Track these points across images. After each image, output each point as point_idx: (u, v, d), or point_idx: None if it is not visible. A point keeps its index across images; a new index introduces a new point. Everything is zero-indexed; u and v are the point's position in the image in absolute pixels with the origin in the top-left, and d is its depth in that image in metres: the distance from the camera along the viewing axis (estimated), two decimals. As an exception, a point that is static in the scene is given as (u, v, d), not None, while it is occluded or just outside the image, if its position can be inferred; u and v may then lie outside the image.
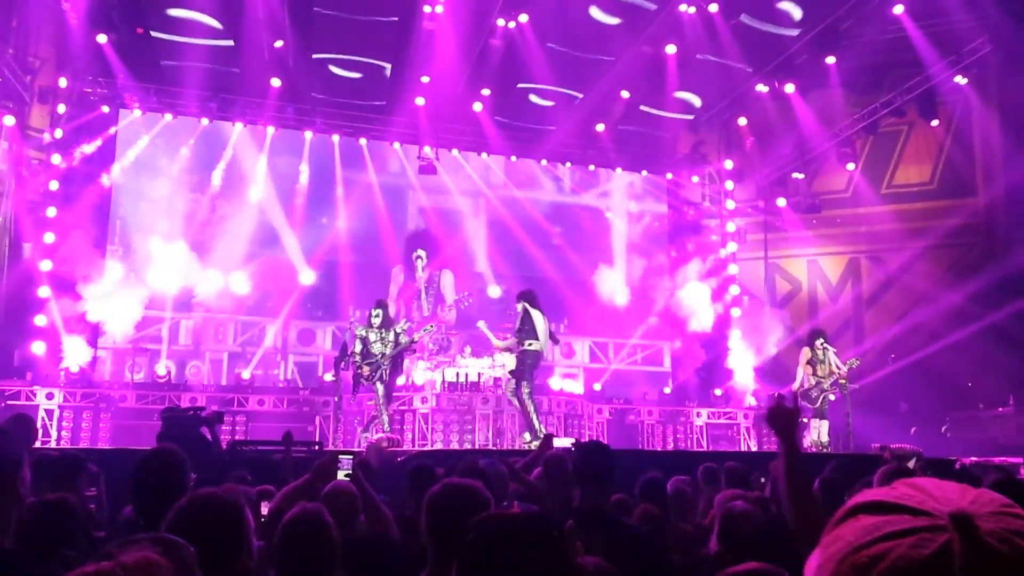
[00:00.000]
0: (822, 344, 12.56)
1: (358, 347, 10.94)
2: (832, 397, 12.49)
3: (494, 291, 16.72)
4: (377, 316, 11.08)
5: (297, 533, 2.83)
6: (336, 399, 11.47)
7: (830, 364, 12.51)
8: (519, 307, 11.00)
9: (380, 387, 10.84)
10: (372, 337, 10.93)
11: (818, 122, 16.04)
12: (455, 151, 16.68)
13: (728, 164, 17.85)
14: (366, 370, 10.79)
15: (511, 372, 11.01)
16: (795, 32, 15.16)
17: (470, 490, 2.67)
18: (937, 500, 0.78)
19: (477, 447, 11.66)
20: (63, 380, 12.26)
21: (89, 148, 13.82)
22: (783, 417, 2.59)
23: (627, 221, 17.85)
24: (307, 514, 2.88)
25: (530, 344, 10.74)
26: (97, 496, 5.28)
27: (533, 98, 16.05)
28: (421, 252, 15.39)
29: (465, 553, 1.64)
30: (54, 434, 11.54)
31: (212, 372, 15.01)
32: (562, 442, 9.36)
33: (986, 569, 0.72)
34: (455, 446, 11.77)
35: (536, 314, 10.79)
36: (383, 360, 10.85)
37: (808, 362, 12.63)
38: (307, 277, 15.37)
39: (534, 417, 10.85)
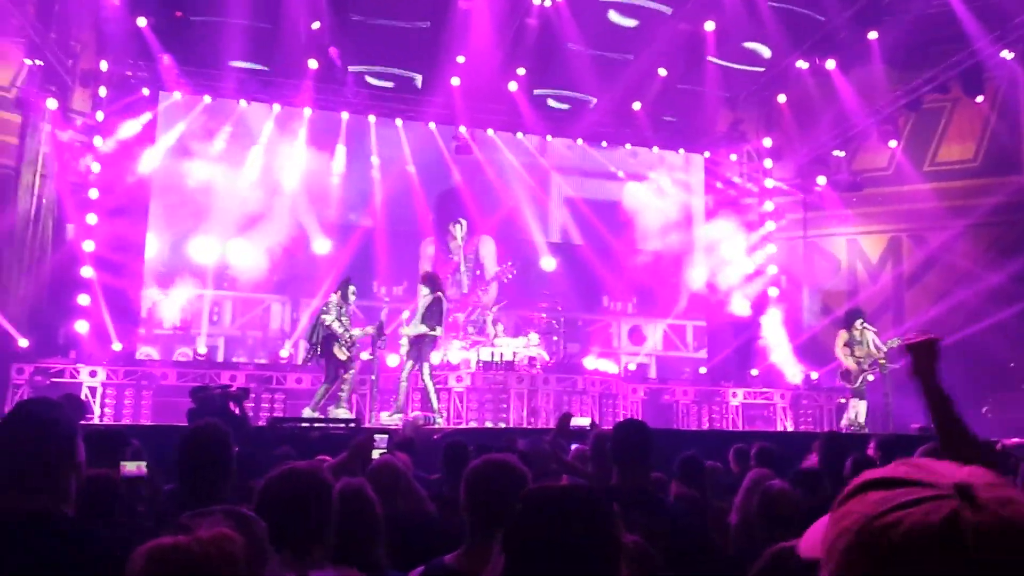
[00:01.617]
0: (861, 325, 12.40)
1: (335, 318, 10.89)
2: (871, 378, 12.36)
3: (548, 263, 16.13)
4: (354, 295, 11.15)
5: (340, 508, 2.86)
6: (372, 377, 11.57)
7: (868, 345, 12.37)
8: (429, 292, 10.95)
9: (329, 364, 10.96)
10: (341, 312, 10.96)
11: (859, 99, 15.78)
12: (490, 131, 16.60)
13: (767, 142, 17.62)
14: (346, 351, 10.85)
15: (409, 354, 10.98)
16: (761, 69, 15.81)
17: (510, 466, 2.68)
18: (937, 475, 0.87)
19: (512, 426, 11.73)
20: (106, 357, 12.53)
21: (130, 130, 14.01)
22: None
23: (671, 199, 17.51)
24: (351, 490, 2.92)
25: (435, 330, 10.79)
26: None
27: (620, 12, 15.39)
28: (462, 219, 14.90)
29: (513, 524, 1.66)
30: (97, 411, 11.78)
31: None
32: (580, 422, 9.38)
33: (990, 531, 0.81)
34: (489, 425, 11.85)
35: (442, 300, 10.88)
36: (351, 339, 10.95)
37: (846, 344, 12.50)
38: (321, 246, 14.95)
39: (433, 397, 10.99)
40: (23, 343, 12.10)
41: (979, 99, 15.37)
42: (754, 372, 16.30)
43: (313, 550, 2.49)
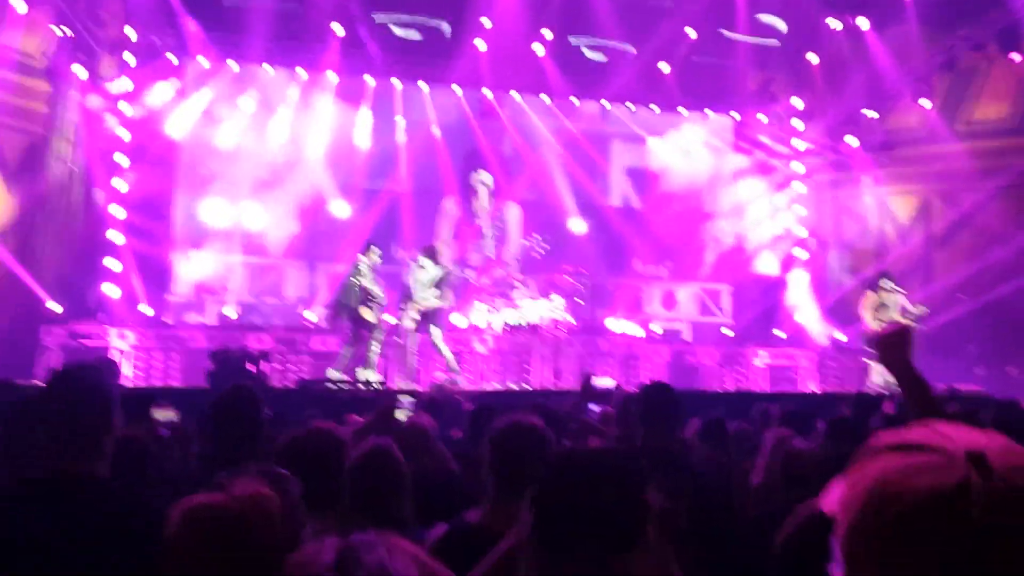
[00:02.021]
0: (889, 286, 12.27)
1: (372, 280, 11.01)
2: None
3: (578, 226, 15.81)
4: (380, 258, 11.33)
5: (368, 467, 2.90)
6: (398, 339, 11.65)
7: (894, 308, 12.24)
8: (433, 265, 11.13)
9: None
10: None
11: (892, 58, 15.47)
12: (514, 93, 16.37)
13: (797, 102, 17.32)
14: (375, 313, 10.94)
15: (429, 323, 11.14)
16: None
17: (534, 427, 2.71)
18: (952, 440, 0.88)
19: (535, 388, 11.80)
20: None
21: (157, 97, 14.05)
22: (889, 344, 2.35)
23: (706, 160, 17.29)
24: (379, 449, 2.96)
25: (445, 300, 11.18)
26: (171, 433, 5.50)
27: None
28: (485, 176, 14.60)
29: (543, 486, 1.68)
30: (129, 373, 11.96)
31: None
32: (603, 382, 9.43)
33: (999, 498, 0.82)
34: (513, 387, 11.92)
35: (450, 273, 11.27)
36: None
37: (872, 306, 12.39)
38: (340, 209, 14.75)
39: (450, 358, 11.30)
40: (55, 307, 12.29)
41: (1016, 57, 15.03)
42: (781, 334, 16.20)
43: (334, 508, 2.53)
